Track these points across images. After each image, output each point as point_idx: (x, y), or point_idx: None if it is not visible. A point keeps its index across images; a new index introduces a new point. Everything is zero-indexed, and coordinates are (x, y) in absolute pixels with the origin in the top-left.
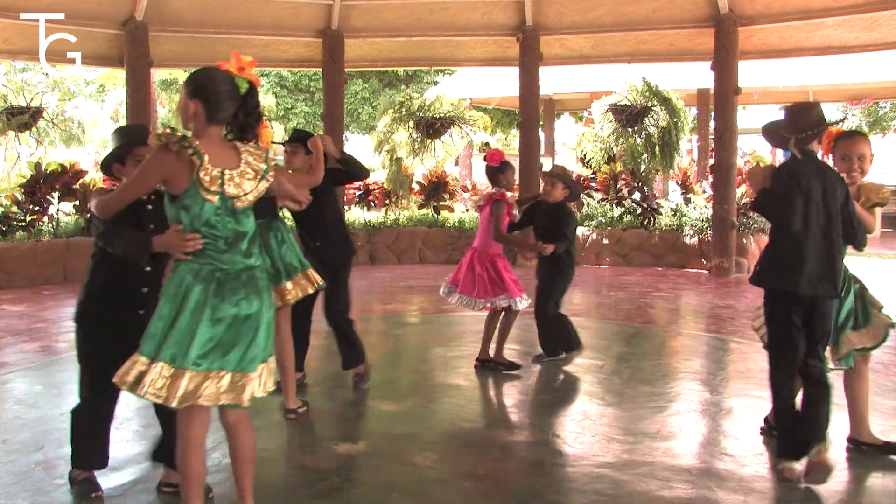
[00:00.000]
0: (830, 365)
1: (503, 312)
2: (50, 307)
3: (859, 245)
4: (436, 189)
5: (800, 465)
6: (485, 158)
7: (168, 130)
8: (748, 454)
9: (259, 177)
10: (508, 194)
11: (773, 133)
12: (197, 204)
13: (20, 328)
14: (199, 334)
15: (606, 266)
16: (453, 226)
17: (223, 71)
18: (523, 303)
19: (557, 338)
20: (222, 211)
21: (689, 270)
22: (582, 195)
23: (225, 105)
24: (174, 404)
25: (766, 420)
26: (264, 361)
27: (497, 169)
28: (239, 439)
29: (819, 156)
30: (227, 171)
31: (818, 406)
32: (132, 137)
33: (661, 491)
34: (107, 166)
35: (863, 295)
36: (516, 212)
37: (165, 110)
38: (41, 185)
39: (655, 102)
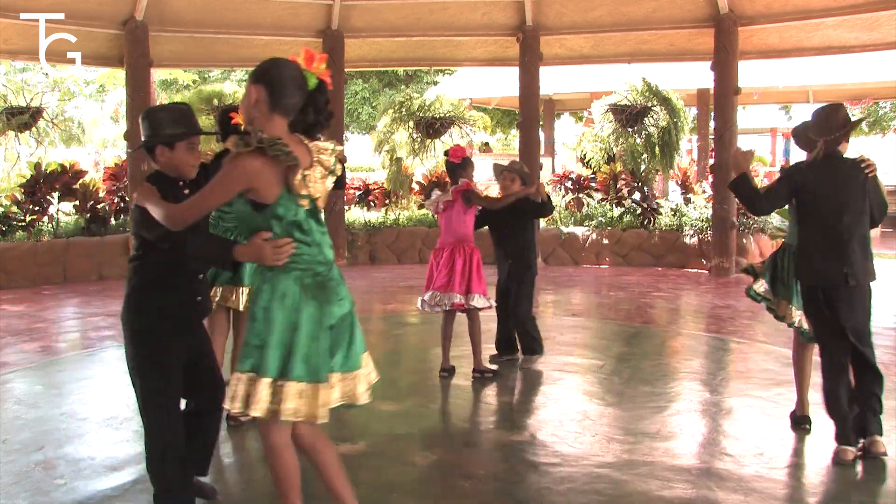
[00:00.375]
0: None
1: (469, 316)
2: (50, 307)
3: (878, 222)
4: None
5: (853, 450)
6: (446, 154)
7: (260, 134)
8: (748, 454)
9: (327, 173)
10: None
11: (801, 136)
12: (290, 211)
13: (20, 328)
14: (321, 344)
15: (606, 266)
16: None
17: (291, 61)
18: (482, 302)
19: (536, 336)
20: (310, 213)
21: (689, 270)
22: (581, 195)
23: (290, 91)
24: (320, 420)
25: (792, 415)
26: (365, 351)
27: (459, 165)
28: (322, 456)
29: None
30: (305, 172)
31: (870, 398)
32: (190, 123)
33: (661, 491)
34: (150, 147)
35: None
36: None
37: None
38: (41, 185)
39: (655, 102)
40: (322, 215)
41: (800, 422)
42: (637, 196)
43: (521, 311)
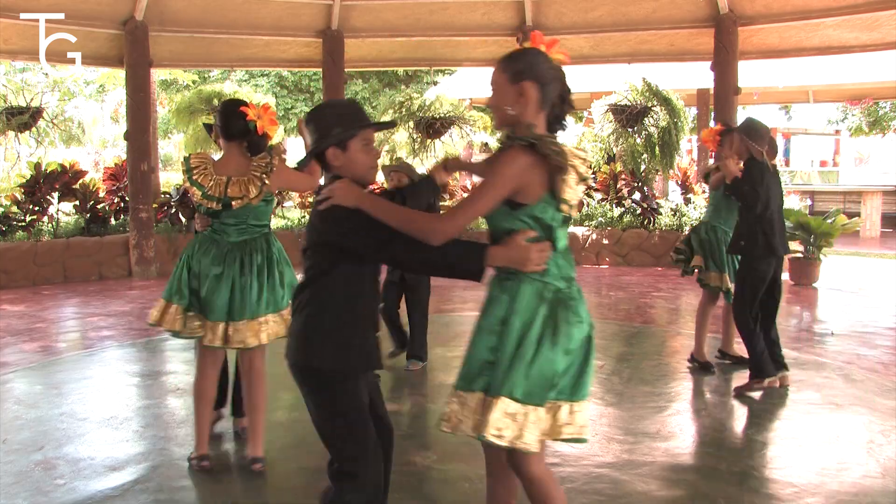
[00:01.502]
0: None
1: None
2: (50, 307)
3: None
4: None
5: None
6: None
7: (533, 129)
8: (749, 454)
9: (580, 181)
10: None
11: (747, 136)
12: (548, 214)
13: (20, 328)
14: (556, 368)
15: (606, 266)
16: None
17: (539, 51)
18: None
19: (425, 341)
20: (564, 221)
21: None
22: (581, 195)
23: (554, 86)
24: (532, 448)
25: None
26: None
27: None
28: (512, 480)
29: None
30: (563, 176)
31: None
32: (359, 118)
33: (661, 491)
34: (320, 153)
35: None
36: None
37: (165, 110)
38: (41, 185)
39: (655, 102)
40: (568, 227)
41: (704, 366)
42: (637, 196)
43: (426, 312)
